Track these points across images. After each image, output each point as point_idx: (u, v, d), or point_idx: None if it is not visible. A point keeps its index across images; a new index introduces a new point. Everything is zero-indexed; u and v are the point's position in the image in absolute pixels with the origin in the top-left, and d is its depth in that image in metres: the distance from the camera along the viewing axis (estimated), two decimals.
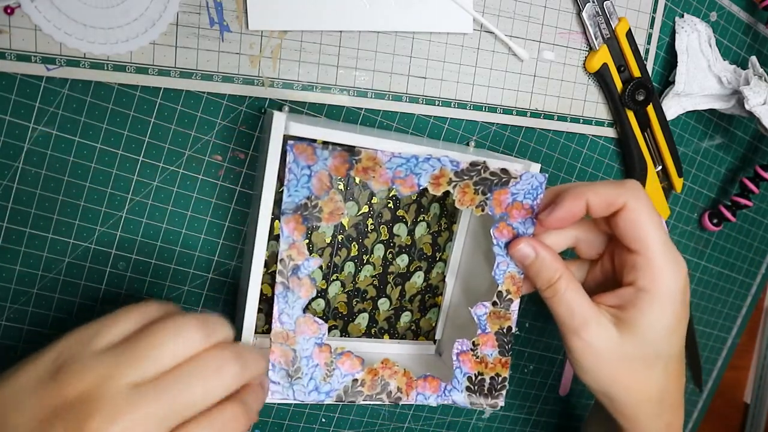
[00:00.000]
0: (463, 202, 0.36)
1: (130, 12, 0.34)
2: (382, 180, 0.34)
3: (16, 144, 0.35)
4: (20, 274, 0.37)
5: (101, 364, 0.28)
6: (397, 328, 0.46)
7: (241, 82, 0.38)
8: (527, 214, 0.37)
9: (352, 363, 0.37)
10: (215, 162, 0.39)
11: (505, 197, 0.37)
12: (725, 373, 0.65)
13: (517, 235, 0.37)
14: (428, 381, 0.39)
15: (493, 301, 0.38)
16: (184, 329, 0.30)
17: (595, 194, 0.35)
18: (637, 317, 0.35)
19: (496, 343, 0.39)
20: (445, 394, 0.39)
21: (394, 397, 0.39)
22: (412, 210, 0.43)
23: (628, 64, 0.45)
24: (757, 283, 0.62)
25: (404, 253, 0.44)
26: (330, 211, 0.34)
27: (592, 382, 0.37)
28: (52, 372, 0.28)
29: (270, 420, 0.45)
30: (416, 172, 0.35)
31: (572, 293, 0.36)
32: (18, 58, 0.33)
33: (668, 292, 0.35)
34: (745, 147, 0.55)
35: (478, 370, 0.39)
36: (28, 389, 0.28)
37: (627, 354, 0.36)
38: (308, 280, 0.34)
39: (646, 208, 0.35)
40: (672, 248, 0.35)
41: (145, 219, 0.38)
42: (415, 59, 0.41)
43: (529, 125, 0.45)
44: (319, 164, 0.33)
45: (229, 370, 0.30)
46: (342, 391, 0.37)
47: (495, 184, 0.36)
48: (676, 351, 0.37)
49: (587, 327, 0.35)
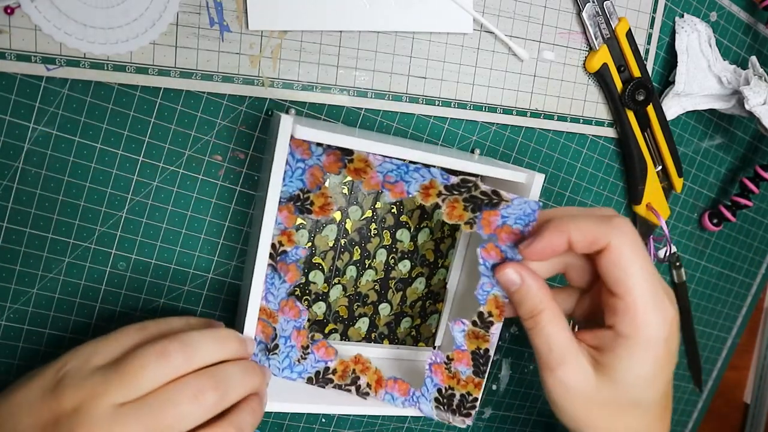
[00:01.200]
0: (452, 216, 0.36)
1: (130, 12, 0.34)
2: (373, 183, 0.35)
3: (16, 144, 0.35)
4: (20, 274, 0.37)
5: (91, 382, 0.30)
6: (397, 333, 0.46)
7: (241, 82, 0.38)
8: (516, 239, 0.36)
9: (326, 351, 0.39)
10: (215, 162, 0.39)
11: (495, 219, 0.36)
12: (725, 373, 0.65)
13: (505, 258, 0.36)
14: (398, 383, 0.40)
15: (473, 320, 0.38)
16: (167, 352, 0.31)
17: (577, 230, 0.33)
18: (615, 362, 0.33)
19: (471, 363, 0.38)
20: (413, 400, 0.40)
21: (362, 392, 0.40)
22: (416, 216, 0.43)
23: (628, 64, 0.45)
24: (757, 283, 0.62)
25: (406, 259, 0.44)
26: (320, 205, 0.36)
27: (567, 421, 0.36)
28: (53, 385, 0.31)
29: (270, 420, 0.45)
30: (406, 180, 0.35)
31: (553, 328, 0.34)
32: (18, 58, 0.33)
33: (650, 341, 0.33)
34: (745, 147, 0.55)
35: (449, 384, 0.39)
36: (35, 398, 0.31)
37: (603, 397, 0.34)
38: (295, 266, 0.36)
39: (631, 250, 0.33)
40: (658, 294, 0.33)
41: (145, 219, 0.38)
42: (415, 59, 0.41)
43: (529, 125, 0.45)
44: (313, 160, 0.34)
45: (206, 397, 0.31)
46: (313, 374, 0.39)
47: (485, 203, 0.36)
48: (658, 397, 0.36)
49: (564, 365, 0.34)
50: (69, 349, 0.33)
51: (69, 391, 0.30)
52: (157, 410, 0.30)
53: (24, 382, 0.32)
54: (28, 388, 0.31)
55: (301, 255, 0.36)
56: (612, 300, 0.34)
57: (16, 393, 0.31)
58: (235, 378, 0.33)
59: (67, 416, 0.29)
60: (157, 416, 0.30)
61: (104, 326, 0.39)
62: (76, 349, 0.32)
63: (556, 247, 0.33)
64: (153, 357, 0.30)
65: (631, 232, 0.33)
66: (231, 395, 0.32)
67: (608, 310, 0.34)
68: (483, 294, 0.37)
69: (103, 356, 0.32)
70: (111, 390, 0.30)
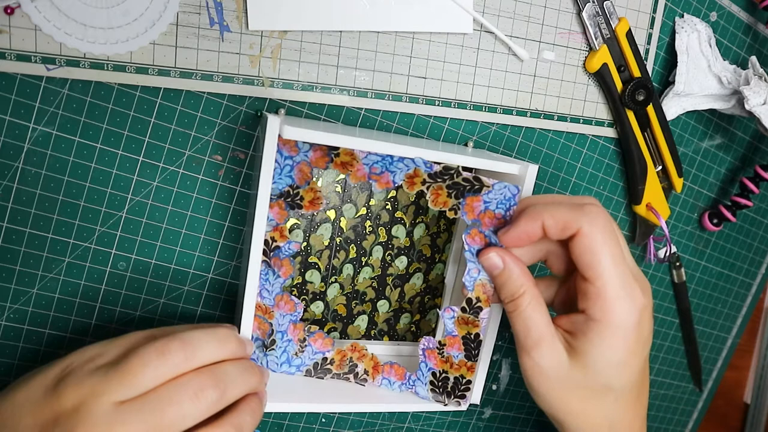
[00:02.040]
0: (436, 203, 0.37)
1: (130, 12, 0.34)
2: (359, 175, 0.36)
3: (16, 144, 0.35)
4: (20, 274, 0.37)
5: (92, 381, 0.30)
6: (396, 329, 0.46)
7: (241, 82, 0.38)
8: (499, 224, 0.37)
9: (323, 342, 0.40)
10: (215, 162, 0.39)
11: (478, 204, 0.37)
12: (725, 373, 0.65)
13: (489, 243, 0.37)
14: (394, 368, 0.41)
15: (462, 306, 0.39)
16: (167, 351, 0.31)
17: (551, 216, 0.34)
18: (586, 346, 0.34)
19: (463, 347, 0.39)
20: (410, 384, 0.41)
21: (360, 379, 0.41)
22: (411, 211, 0.43)
23: (628, 64, 0.45)
24: (757, 283, 0.62)
25: (403, 255, 0.44)
26: (310, 200, 0.37)
27: (543, 404, 0.37)
28: (55, 384, 0.31)
29: (270, 420, 0.45)
30: (391, 170, 0.36)
31: (532, 311, 0.35)
32: (18, 58, 0.33)
33: (619, 325, 0.34)
34: (745, 147, 0.55)
35: (442, 368, 0.40)
36: (36, 397, 0.31)
37: (575, 380, 0.35)
38: (288, 261, 0.37)
39: (602, 235, 0.33)
40: (628, 280, 0.34)
41: (145, 219, 0.38)
42: (415, 59, 0.41)
43: (529, 125, 0.45)
44: (301, 156, 0.36)
45: (207, 395, 0.31)
46: (312, 366, 0.40)
47: (468, 190, 0.37)
48: (629, 384, 0.36)
49: (539, 348, 0.35)
50: (69, 349, 0.33)
51: (69, 390, 0.30)
52: (157, 408, 0.30)
53: (26, 380, 0.32)
54: (29, 386, 0.31)
55: (294, 249, 0.37)
56: (584, 285, 0.34)
57: (18, 391, 0.31)
58: (235, 376, 0.33)
59: (67, 415, 0.29)
60: (157, 414, 0.30)
61: (104, 326, 0.39)
62: (82, 350, 0.33)
63: (531, 234, 0.35)
64: (154, 355, 0.31)
65: (603, 218, 0.34)
66: (230, 394, 0.32)
67: (581, 294, 0.35)
68: (470, 280, 0.38)
69: (106, 357, 0.32)
70: (111, 388, 0.30)
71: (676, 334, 0.58)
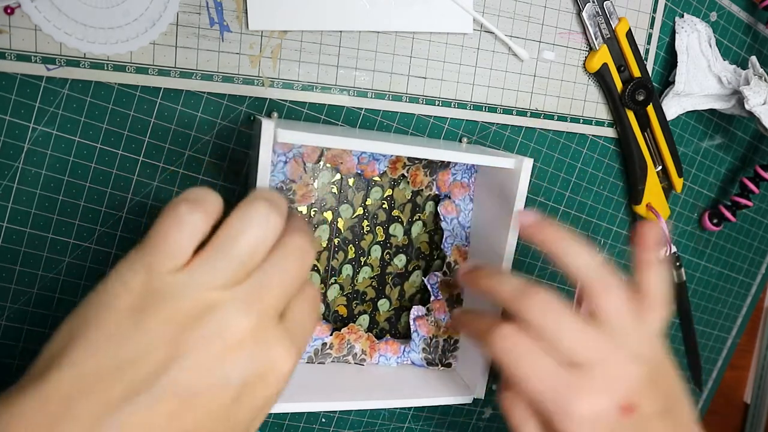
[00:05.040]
0: (416, 183, 0.42)
1: (130, 12, 0.34)
2: (349, 166, 0.40)
3: (16, 144, 0.35)
4: (20, 274, 0.37)
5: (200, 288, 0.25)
6: (398, 327, 0.46)
7: (241, 82, 0.38)
8: (465, 192, 0.42)
9: (321, 329, 0.42)
10: (215, 162, 0.39)
11: (447, 177, 0.42)
12: (725, 373, 0.65)
13: (460, 211, 0.42)
14: (389, 344, 0.44)
15: (443, 270, 0.43)
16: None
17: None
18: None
19: (447, 309, 0.44)
20: (404, 355, 0.44)
21: (359, 359, 0.43)
22: (408, 210, 0.43)
23: (628, 64, 0.45)
24: (757, 283, 0.62)
25: (402, 253, 0.44)
26: (302, 194, 0.39)
27: None
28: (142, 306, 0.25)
29: (270, 420, 0.45)
30: (377, 158, 0.40)
31: None
32: (18, 58, 0.33)
33: None
34: (745, 147, 0.55)
35: (433, 333, 0.44)
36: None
37: None
38: None
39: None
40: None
41: (145, 219, 0.38)
42: (415, 59, 0.41)
43: (529, 125, 0.45)
44: (293, 151, 0.38)
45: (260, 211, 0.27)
46: (312, 353, 0.42)
47: (439, 166, 0.42)
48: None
49: None
50: None
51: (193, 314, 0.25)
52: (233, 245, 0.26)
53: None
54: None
55: None
56: None
57: None
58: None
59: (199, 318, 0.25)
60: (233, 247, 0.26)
61: None
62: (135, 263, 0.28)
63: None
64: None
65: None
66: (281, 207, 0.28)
67: None
68: (447, 246, 0.43)
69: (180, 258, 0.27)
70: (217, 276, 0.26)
71: (676, 334, 0.58)
